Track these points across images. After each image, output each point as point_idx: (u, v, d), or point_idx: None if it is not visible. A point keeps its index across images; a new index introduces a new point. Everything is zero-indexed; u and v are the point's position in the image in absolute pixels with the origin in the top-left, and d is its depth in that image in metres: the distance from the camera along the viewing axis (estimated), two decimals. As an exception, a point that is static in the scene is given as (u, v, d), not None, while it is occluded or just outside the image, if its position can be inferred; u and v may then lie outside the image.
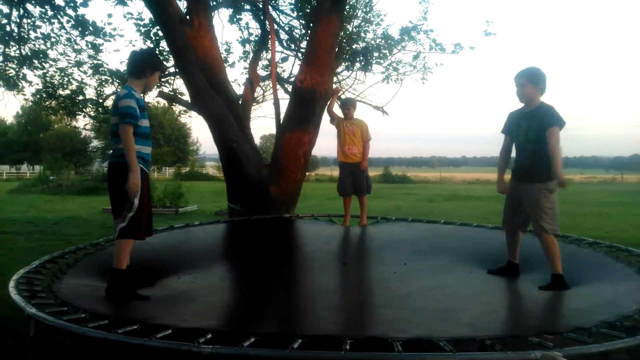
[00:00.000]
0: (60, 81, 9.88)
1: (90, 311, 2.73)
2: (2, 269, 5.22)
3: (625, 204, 17.71)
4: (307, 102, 6.54)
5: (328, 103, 6.41)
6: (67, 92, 9.93)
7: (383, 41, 9.13)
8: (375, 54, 9.15)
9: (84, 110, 10.33)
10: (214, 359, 2.15)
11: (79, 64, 9.59)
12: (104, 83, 9.97)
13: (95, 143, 50.04)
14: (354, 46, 9.03)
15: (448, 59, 11.64)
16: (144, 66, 3.54)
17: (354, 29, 9.17)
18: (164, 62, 3.82)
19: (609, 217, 13.11)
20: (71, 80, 9.87)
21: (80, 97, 9.99)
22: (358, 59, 8.93)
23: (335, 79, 9.20)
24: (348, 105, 6.03)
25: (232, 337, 2.28)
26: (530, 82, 3.83)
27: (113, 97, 10.19)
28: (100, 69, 9.64)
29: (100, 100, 10.12)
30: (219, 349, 2.16)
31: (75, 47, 9.35)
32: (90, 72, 9.68)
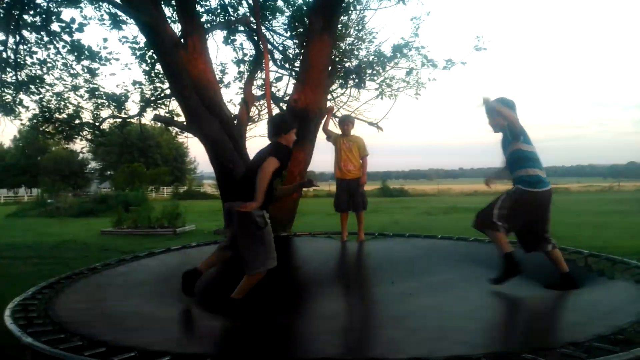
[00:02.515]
0: (57, 105, 9.93)
1: (88, 338, 2.73)
2: (-1, 295, 5.19)
3: (623, 213, 17.72)
4: (302, 120, 6.60)
5: (323, 121, 6.46)
6: (64, 116, 9.99)
7: (376, 58, 9.23)
8: (369, 71, 9.25)
9: (81, 133, 10.37)
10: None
11: (75, 88, 9.67)
12: (100, 106, 10.03)
13: (92, 165, 50.09)
14: (346, 64, 9.12)
15: (441, 73, 11.82)
16: None
17: (347, 47, 9.28)
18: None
19: (606, 227, 13.09)
20: (67, 104, 9.93)
21: (77, 121, 10.04)
22: (351, 77, 9.02)
23: (329, 97, 9.29)
24: (346, 122, 6.05)
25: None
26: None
27: (110, 120, 10.27)
28: (97, 93, 9.71)
29: (97, 124, 10.17)
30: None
31: (71, 71, 9.44)
32: (86, 96, 9.75)
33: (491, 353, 2.36)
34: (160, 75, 9.41)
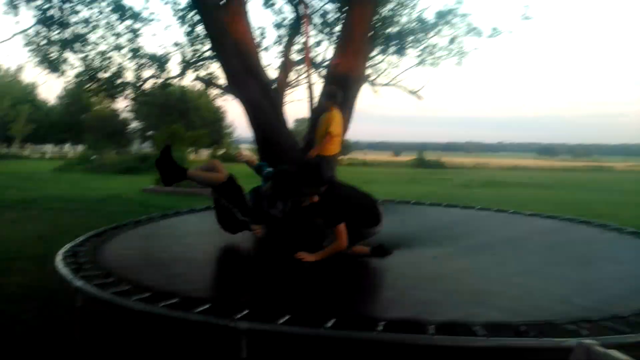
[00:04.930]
0: (100, 64, 10.16)
1: (134, 283, 2.87)
2: (50, 242, 5.47)
3: (670, 193, 17.06)
4: (342, 86, 6.57)
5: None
6: (107, 75, 10.21)
7: (418, 25, 9.02)
8: (410, 38, 9.06)
9: (123, 92, 10.61)
10: (250, 335, 2.25)
11: (117, 48, 9.85)
12: (142, 67, 10.21)
13: (134, 124, 51.08)
14: (387, 30, 8.95)
15: (485, 42, 11.48)
16: None
17: (388, 13, 9.08)
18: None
19: (652, 207, 12.66)
20: (110, 64, 10.14)
21: (120, 80, 10.26)
22: (392, 44, 8.86)
23: (369, 63, 9.17)
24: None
25: (268, 313, 2.37)
26: None
27: (151, 80, 10.47)
28: (138, 53, 9.87)
29: (139, 84, 10.37)
30: (255, 325, 2.26)
31: (114, 31, 9.60)
32: (129, 55, 9.93)
33: (531, 322, 2.35)
34: (200, 37, 9.48)
